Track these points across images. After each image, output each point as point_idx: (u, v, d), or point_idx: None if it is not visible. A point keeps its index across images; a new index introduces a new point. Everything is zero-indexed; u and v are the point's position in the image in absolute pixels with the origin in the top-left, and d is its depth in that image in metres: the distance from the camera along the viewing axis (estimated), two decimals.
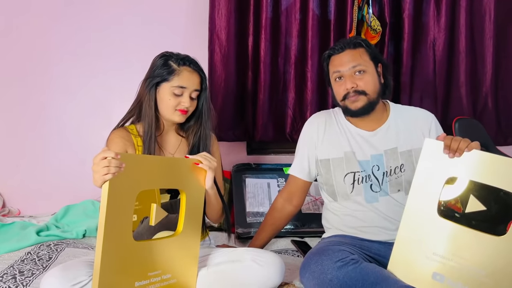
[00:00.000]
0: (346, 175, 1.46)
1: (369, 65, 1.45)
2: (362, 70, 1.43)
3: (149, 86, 1.38)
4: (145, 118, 1.37)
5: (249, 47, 2.25)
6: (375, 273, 1.20)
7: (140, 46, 2.29)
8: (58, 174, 2.31)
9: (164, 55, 1.41)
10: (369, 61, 1.45)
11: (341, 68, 1.45)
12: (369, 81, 1.43)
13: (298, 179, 1.57)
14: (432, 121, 1.49)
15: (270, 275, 1.23)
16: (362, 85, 1.43)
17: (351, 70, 1.44)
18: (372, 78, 1.44)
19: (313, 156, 1.53)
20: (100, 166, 1.00)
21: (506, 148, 2.29)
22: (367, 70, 1.44)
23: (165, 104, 1.38)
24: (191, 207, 1.22)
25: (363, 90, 1.43)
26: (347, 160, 1.47)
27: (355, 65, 1.43)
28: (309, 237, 1.93)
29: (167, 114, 1.39)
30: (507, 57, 2.34)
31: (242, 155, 2.41)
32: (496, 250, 1.11)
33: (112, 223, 1.02)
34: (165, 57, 1.40)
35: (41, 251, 1.63)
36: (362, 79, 1.43)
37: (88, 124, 2.32)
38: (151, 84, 1.38)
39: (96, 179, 1.01)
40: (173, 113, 1.38)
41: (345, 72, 1.45)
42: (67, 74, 2.32)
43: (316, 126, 1.54)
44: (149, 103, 1.37)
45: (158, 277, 1.15)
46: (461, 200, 1.23)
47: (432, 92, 2.33)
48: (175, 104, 1.37)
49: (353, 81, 1.43)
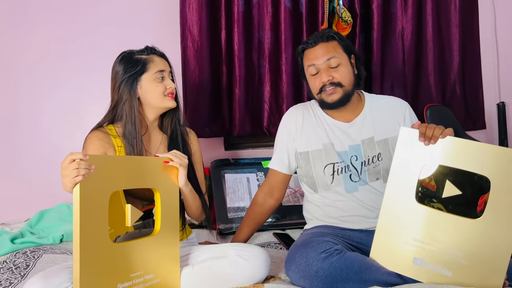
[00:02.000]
0: (326, 166, 1.48)
1: (343, 57, 1.47)
2: (337, 62, 1.45)
3: (128, 86, 1.35)
4: (128, 121, 1.34)
5: (222, 41, 2.23)
6: (359, 262, 1.23)
7: (110, 47, 2.21)
8: (30, 179, 2.24)
9: (125, 56, 1.40)
10: (342, 53, 1.47)
11: (316, 61, 1.47)
12: (344, 73, 1.45)
13: (278, 173, 1.58)
14: (406, 109, 1.52)
15: (256, 269, 1.24)
16: (338, 77, 1.44)
17: (326, 63, 1.45)
18: (347, 69, 1.47)
19: (292, 149, 1.54)
20: (69, 170, 0.99)
21: (474, 133, 2.37)
22: (341, 62, 1.46)
23: (154, 93, 1.37)
24: (166, 206, 1.22)
25: (339, 81, 1.44)
26: (326, 152, 1.49)
27: (330, 58, 1.45)
28: (290, 229, 1.95)
29: (158, 103, 1.39)
30: (473, 45, 2.42)
31: (219, 151, 2.40)
32: (471, 232, 1.15)
33: (87, 227, 1.00)
34: (127, 56, 1.39)
35: (17, 259, 1.57)
36: (337, 71, 1.45)
37: (59, 127, 2.26)
38: (129, 84, 1.35)
39: (66, 183, 1.00)
40: (163, 99, 1.39)
41: (320, 65, 1.46)
42: (33, 78, 2.24)
43: (294, 119, 1.55)
44: (130, 104, 1.35)
45: (141, 277, 1.14)
46: (437, 184, 1.27)
47: (402, 80, 2.39)
48: (163, 89, 1.38)
49: (328, 73, 1.45)
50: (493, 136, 2.50)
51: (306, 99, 2.25)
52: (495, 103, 2.47)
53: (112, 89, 1.40)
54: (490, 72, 2.49)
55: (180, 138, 1.46)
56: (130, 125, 1.34)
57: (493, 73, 2.50)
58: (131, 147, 1.33)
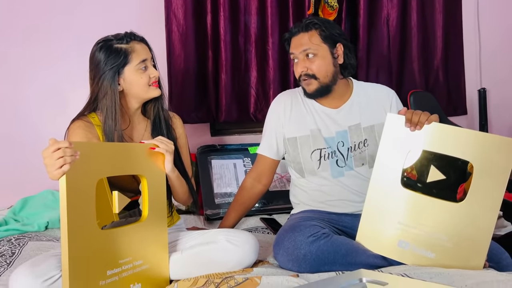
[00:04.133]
0: (313, 152, 1.49)
1: (321, 48, 1.45)
2: (312, 53, 1.45)
3: (109, 80, 1.30)
4: (108, 116, 1.30)
5: (208, 25, 2.20)
6: (346, 245, 1.26)
7: (91, 30, 2.16)
8: (12, 166, 2.20)
9: (103, 45, 1.32)
10: (321, 44, 1.46)
11: (294, 51, 1.48)
12: (320, 65, 1.45)
13: (266, 158, 1.59)
14: (393, 97, 1.54)
15: (245, 254, 1.25)
16: (313, 68, 1.45)
17: (303, 54, 1.46)
18: (324, 61, 1.45)
19: (280, 134, 1.55)
20: (54, 159, 0.96)
21: (455, 118, 2.42)
22: (317, 53, 1.45)
23: (138, 85, 1.34)
24: (153, 192, 1.22)
25: (313, 74, 1.45)
26: (313, 138, 1.50)
27: (305, 49, 1.45)
28: (277, 213, 1.98)
29: (143, 93, 1.36)
30: (456, 31, 2.45)
31: (206, 136, 2.39)
32: (454, 216, 1.19)
33: (74, 214, 0.99)
34: (106, 45, 1.32)
35: (1, 246, 1.55)
36: (313, 63, 1.45)
37: (41, 112, 2.21)
38: (110, 77, 1.30)
39: (52, 171, 0.97)
40: (148, 89, 1.36)
41: (298, 55, 1.47)
42: (14, 60, 2.18)
43: (283, 105, 1.56)
44: (111, 99, 1.30)
45: (130, 264, 1.14)
46: (420, 170, 1.30)
47: (387, 67, 2.41)
48: (147, 79, 1.35)
49: (303, 65, 1.46)
50: (473, 122, 2.56)
51: (293, 85, 2.26)
52: (476, 89, 2.52)
53: (91, 79, 1.34)
54: (472, 58, 2.53)
55: (164, 123, 1.44)
56: (111, 120, 1.30)
57: (475, 60, 2.54)
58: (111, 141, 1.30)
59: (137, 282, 1.14)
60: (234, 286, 1.11)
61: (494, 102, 2.56)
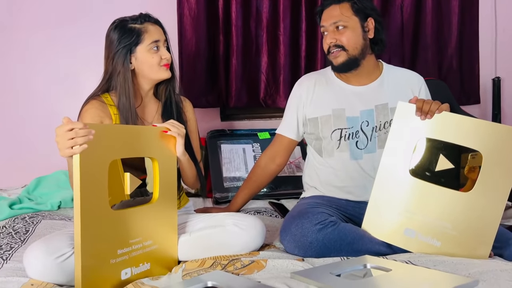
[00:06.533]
0: (334, 131, 1.49)
1: (351, 20, 1.45)
2: (343, 25, 1.44)
3: (121, 58, 1.34)
4: (122, 93, 1.34)
5: (219, 9, 2.20)
6: (352, 233, 1.27)
7: (105, 12, 2.18)
8: (26, 146, 2.25)
9: (118, 24, 1.37)
10: (351, 16, 1.45)
11: (325, 23, 1.48)
12: (349, 37, 1.44)
13: (284, 138, 1.59)
14: (422, 84, 1.54)
15: (252, 238, 1.27)
16: (343, 39, 1.44)
17: (333, 26, 1.46)
18: (354, 33, 1.45)
19: (301, 115, 1.55)
20: (66, 138, 0.98)
21: (468, 107, 2.39)
22: (348, 25, 1.44)
23: (149, 64, 1.36)
24: (164, 174, 1.23)
25: (342, 45, 1.45)
26: (335, 117, 1.49)
27: (336, 21, 1.45)
28: (285, 198, 2.00)
29: (153, 74, 1.38)
30: (472, 18, 2.40)
31: (216, 121, 2.40)
32: (462, 205, 1.19)
33: (87, 194, 1.02)
34: (121, 24, 1.36)
35: (16, 224, 1.60)
36: (343, 34, 1.45)
37: (54, 93, 2.25)
38: (123, 55, 1.34)
39: (62, 149, 0.99)
40: (158, 70, 1.38)
41: (328, 27, 1.47)
42: (29, 43, 2.21)
43: (306, 87, 1.55)
44: (124, 76, 1.34)
45: (140, 243, 1.16)
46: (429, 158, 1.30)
47: (399, 53, 2.38)
48: (158, 60, 1.37)
49: (333, 36, 1.46)
50: (486, 111, 2.52)
51: (304, 71, 2.25)
52: (490, 78, 2.48)
53: (106, 58, 1.38)
54: (487, 46, 2.48)
55: (175, 107, 1.46)
56: (124, 98, 1.33)
57: (490, 48, 2.49)
58: (124, 120, 1.33)
59: (146, 262, 1.17)
60: (240, 268, 1.14)
61: (508, 91, 2.51)
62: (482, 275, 0.98)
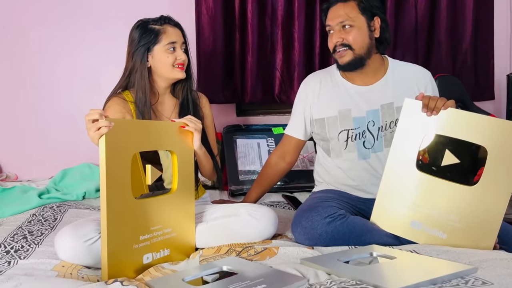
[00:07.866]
0: (340, 132, 1.51)
1: (358, 19, 1.45)
2: (349, 24, 1.44)
3: (139, 56, 1.43)
4: (139, 88, 1.43)
5: (235, 8, 2.25)
6: (361, 226, 1.31)
7: (125, 11, 2.27)
8: (52, 139, 2.35)
9: (140, 24, 1.46)
10: (358, 15, 1.45)
11: (331, 22, 1.48)
12: (356, 36, 1.44)
13: (292, 138, 1.62)
14: (429, 80, 1.53)
15: (265, 228, 1.33)
16: (349, 39, 1.44)
17: (339, 25, 1.46)
18: (360, 32, 1.45)
19: (308, 115, 1.57)
20: (91, 125, 1.08)
21: (482, 103, 2.39)
22: (354, 24, 1.44)
23: (164, 64, 1.44)
24: (182, 167, 1.31)
25: (348, 44, 1.45)
26: (341, 118, 1.51)
27: (342, 21, 1.45)
28: (298, 192, 2.06)
29: (167, 73, 1.46)
30: (487, 14, 2.40)
31: (231, 116, 2.47)
32: (467, 198, 1.23)
33: (112, 184, 1.10)
34: (143, 25, 1.45)
35: (45, 212, 1.71)
36: (349, 33, 1.44)
37: (78, 89, 2.33)
38: (141, 53, 1.43)
39: (91, 135, 1.09)
40: (172, 70, 1.45)
41: (334, 26, 1.47)
42: (52, 41, 2.31)
43: (312, 86, 1.57)
44: (141, 73, 1.43)
45: (160, 231, 1.24)
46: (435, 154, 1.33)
47: (413, 49, 2.39)
48: (173, 60, 1.44)
49: (339, 35, 1.46)
50: (501, 107, 2.52)
51: (318, 68, 2.29)
52: (505, 73, 2.47)
53: (127, 55, 1.48)
54: (502, 42, 2.47)
55: (192, 104, 1.53)
56: (141, 93, 1.43)
57: (505, 43, 2.48)
58: (140, 114, 1.42)
59: (166, 248, 1.25)
60: (253, 255, 1.21)
61: None
62: (482, 263, 1.03)
